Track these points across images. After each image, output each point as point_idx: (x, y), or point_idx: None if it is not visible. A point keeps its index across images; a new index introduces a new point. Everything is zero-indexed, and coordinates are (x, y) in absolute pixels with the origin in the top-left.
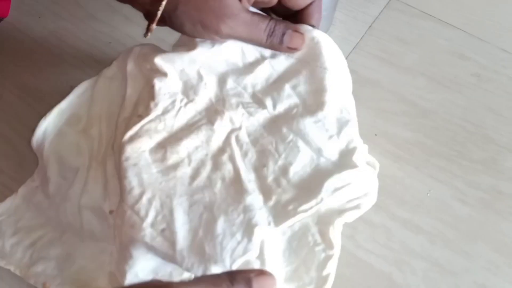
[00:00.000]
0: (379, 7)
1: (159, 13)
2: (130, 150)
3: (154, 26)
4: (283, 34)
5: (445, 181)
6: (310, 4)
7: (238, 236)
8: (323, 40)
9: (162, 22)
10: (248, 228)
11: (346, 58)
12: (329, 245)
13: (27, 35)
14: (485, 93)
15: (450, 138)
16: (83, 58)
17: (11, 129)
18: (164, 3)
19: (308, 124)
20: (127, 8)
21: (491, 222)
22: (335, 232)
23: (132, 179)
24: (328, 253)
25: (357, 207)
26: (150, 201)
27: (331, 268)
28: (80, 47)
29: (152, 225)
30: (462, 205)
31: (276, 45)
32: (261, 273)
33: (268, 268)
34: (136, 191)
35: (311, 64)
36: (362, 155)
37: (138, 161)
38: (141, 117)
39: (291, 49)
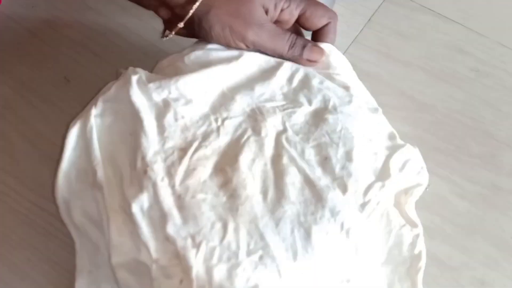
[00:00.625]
0: (378, 0)
1: (191, 13)
2: (192, 185)
3: (181, 25)
4: (304, 47)
5: (444, 176)
6: (326, 24)
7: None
8: (333, 51)
9: (188, 25)
10: (343, 232)
11: (345, 52)
12: (413, 224)
13: (20, 25)
14: (483, 88)
15: (449, 132)
16: (77, 49)
17: (4, 121)
18: (198, 3)
19: (351, 111)
20: None
21: (489, 217)
22: (412, 211)
23: (209, 214)
24: (415, 232)
25: (419, 184)
26: (236, 231)
27: (421, 245)
28: (74, 37)
29: (248, 254)
30: (461, 200)
31: (296, 57)
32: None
33: (363, 256)
34: (218, 225)
35: (325, 71)
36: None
37: (206, 195)
38: (184, 151)
39: (310, 62)
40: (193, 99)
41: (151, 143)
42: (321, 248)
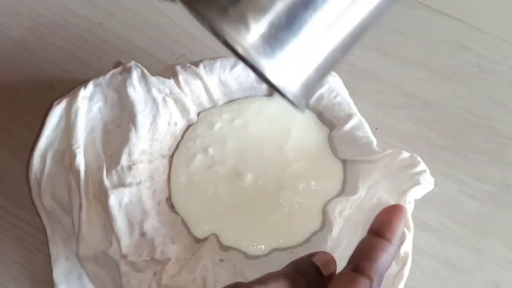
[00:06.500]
0: None
1: None
2: None
3: None
4: None
5: (451, 175)
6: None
7: None
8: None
9: None
10: None
11: None
12: (407, 226)
13: (3, 33)
14: (487, 84)
15: (454, 130)
16: (63, 56)
17: None
18: None
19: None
20: (110, 3)
21: (500, 217)
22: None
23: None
24: (405, 233)
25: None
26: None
27: (408, 247)
28: (59, 44)
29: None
30: (470, 200)
31: None
32: (316, 253)
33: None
34: None
35: None
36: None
37: None
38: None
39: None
40: (191, 111)
41: (140, 140)
42: None
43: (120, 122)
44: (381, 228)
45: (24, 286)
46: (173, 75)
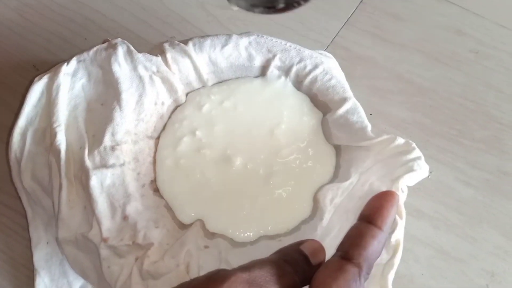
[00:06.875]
0: None
1: None
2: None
3: None
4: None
5: (447, 162)
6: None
7: None
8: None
9: None
10: None
11: (336, 35)
12: (399, 213)
13: None
14: (484, 70)
15: (450, 116)
16: (48, 37)
17: None
18: None
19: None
20: None
21: (496, 204)
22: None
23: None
24: (396, 221)
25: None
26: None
27: (399, 235)
28: (44, 25)
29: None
30: (466, 187)
31: None
32: (304, 241)
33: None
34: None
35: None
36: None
37: None
38: (152, 140)
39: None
40: (178, 90)
41: (124, 119)
42: None
43: (104, 100)
44: (372, 214)
45: (4, 272)
46: (161, 53)
